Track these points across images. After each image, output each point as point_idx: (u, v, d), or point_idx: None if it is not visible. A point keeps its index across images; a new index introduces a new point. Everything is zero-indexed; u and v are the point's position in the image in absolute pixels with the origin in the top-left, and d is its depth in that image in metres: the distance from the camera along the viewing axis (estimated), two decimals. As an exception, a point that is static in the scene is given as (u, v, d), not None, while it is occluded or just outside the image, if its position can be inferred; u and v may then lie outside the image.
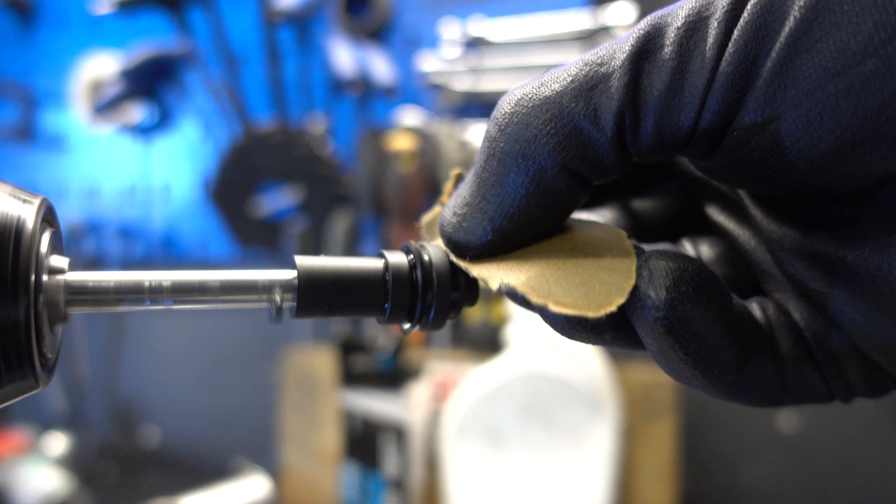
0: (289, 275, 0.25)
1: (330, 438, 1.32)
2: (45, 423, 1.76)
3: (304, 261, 0.25)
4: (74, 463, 1.66)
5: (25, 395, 0.22)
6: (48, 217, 0.23)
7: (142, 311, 0.23)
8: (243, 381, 1.67)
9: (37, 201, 0.22)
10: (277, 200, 1.44)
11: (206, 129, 1.57)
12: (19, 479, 1.54)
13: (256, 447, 1.57)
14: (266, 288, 0.25)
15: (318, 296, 0.25)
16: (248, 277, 0.25)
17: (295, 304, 0.25)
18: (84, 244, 1.78)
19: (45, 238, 0.22)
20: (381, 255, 0.26)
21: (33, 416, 1.78)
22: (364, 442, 1.18)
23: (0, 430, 1.68)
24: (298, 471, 1.39)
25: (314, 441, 1.36)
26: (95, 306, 0.23)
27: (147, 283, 0.23)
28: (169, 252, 1.73)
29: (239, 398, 1.68)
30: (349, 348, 1.15)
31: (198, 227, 1.70)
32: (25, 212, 0.21)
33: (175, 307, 0.24)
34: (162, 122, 1.72)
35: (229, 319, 1.71)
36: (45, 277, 0.22)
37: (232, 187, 1.48)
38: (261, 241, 1.49)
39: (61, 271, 0.23)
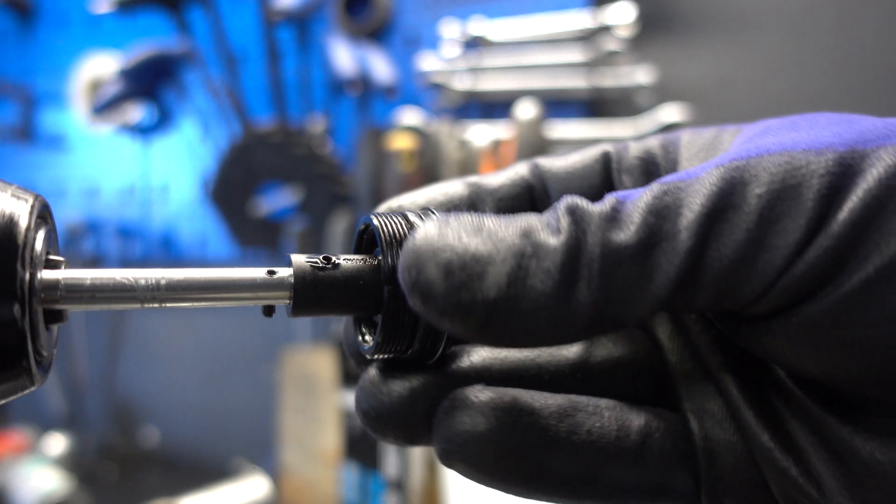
0: (285, 272, 0.25)
1: (330, 438, 1.32)
2: (45, 424, 1.76)
3: (300, 259, 0.25)
4: (74, 463, 1.66)
5: (21, 394, 0.22)
6: (43, 215, 0.23)
7: (138, 309, 0.23)
8: (243, 381, 1.67)
9: (31, 199, 0.22)
10: (277, 200, 1.44)
11: (206, 129, 1.57)
12: (19, 479, 1.54)
13: (256, 447, 1.57)
14: (263, 286, 0.24)
15: (314, 294, 0.25)
16: (245, 275, 0.24)
17: (291, 302, 0.25)
18: (83, 244, 1.78)
19: (40, 236, 0.22)
20: (378, 253, 0.26)
21: (33, 417, 1.78)
22: (364, 442, 1.18)
23: (0, 430, 1.68)
24: (298, 471, 1.39)
25: (314, 441, 1.36)
26: (92, 304, 0.23)
27: (143, 281, 0.23)
28: (168, 252, 1.73)
29: (239, 398, 1.68)
30: (349, 348, 1.15)
31: (197, 227, 1.70)
32: (19, 209, 0.21)
33: (171, 305, 0.23)
34: (161, 122, 1.72)
35: (229, 319, 1.71)
36: (39, 275, 0.22)
37: (231, 187, 1.47)
38: (261, 241, 1.49)
39: (57, 269, 0.23)
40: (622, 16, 1.23)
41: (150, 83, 1.49)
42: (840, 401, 0.22)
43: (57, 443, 1.68)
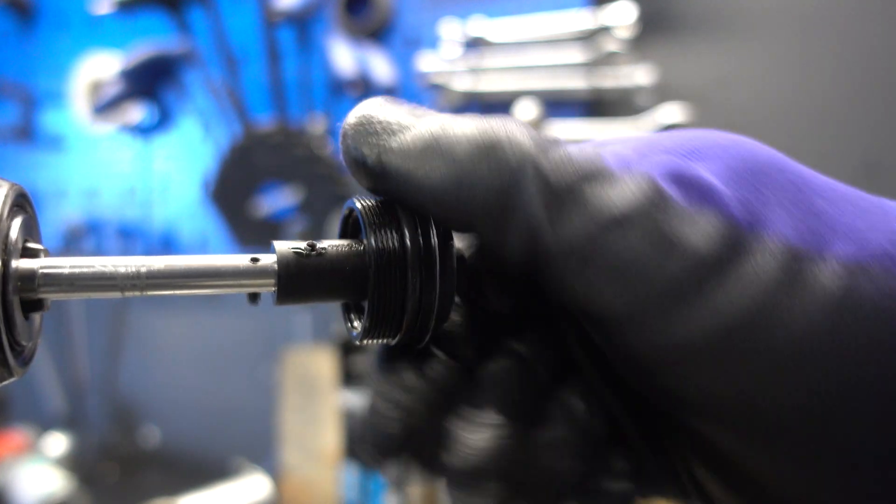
0: (269, 259, 0.24)
1: (330, 438, 1.32)
2: (45, 424, 1.76)
3: (284, 246, 0.25)
4: (74, 463, 1.66)
5: None
6: (20, 203, 0.22)
7: (119, 297, 0.23)
8: (243, 381, 1.67)
9: (5, 187, 0.21)
10: (277, 200, 1.44)
11: (206, 129, 1.57)
12: (19, 479, 1.54)
13: (256, 447, 1.57)
14: (247, 273, 0.24)
15: (299, 280, 0.24)
16: (228, 263, 0.24)
17: (276, 289, 0.24)
18: (84, 244, 1.78)
19: (16, 223, 0.22)
20: (363, 238, 0.25)
21: (33, 416, 1.78)
22: (364, 442, 1.17)
23: (0, 430, 1.68)
24: (298, 471, 1.38)
25: (314, 441, 1.36)
26: (70, 293, 0.22)
27: (123, 269, 0.22)
28: (168, 252, 1.73)
29: (239, 398, 1.68)
30: (349, 348, 1.15)
31: (198, 227, 1.70)
32: None
33: (153, 293, 0.23)
34: (162, 122, 1.72)
35: (229, 319, 1.71)
36: (15, 263, 0.22)
37: (232, 187, 1.47)
38: (261, 240, 1.49)
39: (35, 257, 0.23)
40: (622, 16, 1.23)
41: (151, 83, 1.49)
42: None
43: (57, 443, 1.68)
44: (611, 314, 0.22)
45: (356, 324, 0.27)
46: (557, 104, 1.30)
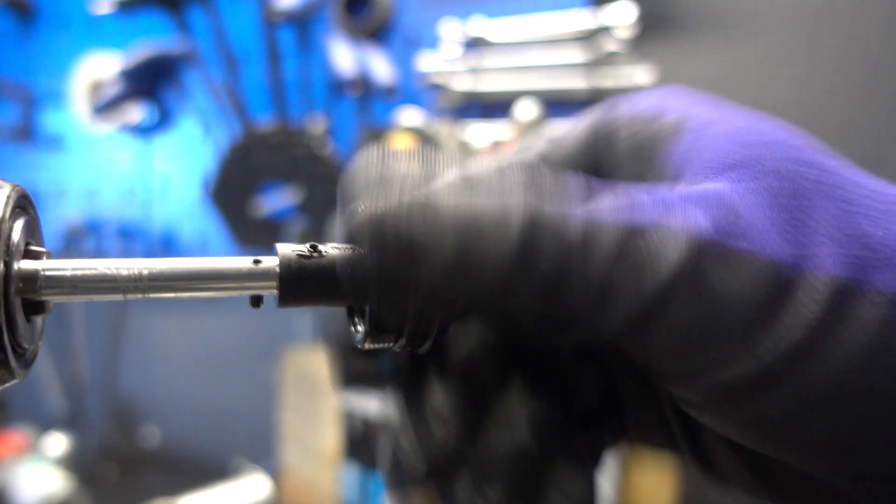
0: (271, 262, 0.24)
1: (330, 438, 1.32)
2: (45, 423, 1.76)
3: (286, 248, 0.25)
4: (74, 463, 1.66)
5: (1, 388, 0.22)
6: (22, 204, 0.23)
7: (121, 300, 0.23)
8: (243, 381, 1.67)
9: (7, 188, 0.21)
10: (277, 200, 1.44)
11: (206, 129, 1.57)
12: (19, 479, 1.54)
13: (256, 447, 1.57)
14: (249, 276, 0.24)
15: (301, 283, 0.24)
16: (230, 265, 0.24)
17: (278, 292, 0.24)
18: (84, 244, 1.78)
19: (18, 225, 0.22)
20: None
21: (33, 416, 1.78)
22: (364, 442, 1.18)
23: (0, 430, 1.68)
24: (298, 471, 1.39)
25: (314, 441, 1.36)
26: (73, 295, 0.22)
27: (125, 272, 0.22)
28: (169, 252, 1.73)
29: (239, 398, 1.68)
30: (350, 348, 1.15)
31: (198, 227, 1.70)
32: None
33: (155, 296, 0.23)
34: (162, 122, 1.72)
35: (229, 319, 1.71)
36: (17, 265, 0.22)
37: (232, 187, 1.47)
38: (261, 241, 1.49)
39: (37, 259, 0.23)
40: (622, 16, 1.23)
41: (151, 83, 1.49)
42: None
43: (57, 443, 1.68)
44: (668, 373, 0.22)
45: (359, 328, 0.27)
46: (557, 104, 1.30)
